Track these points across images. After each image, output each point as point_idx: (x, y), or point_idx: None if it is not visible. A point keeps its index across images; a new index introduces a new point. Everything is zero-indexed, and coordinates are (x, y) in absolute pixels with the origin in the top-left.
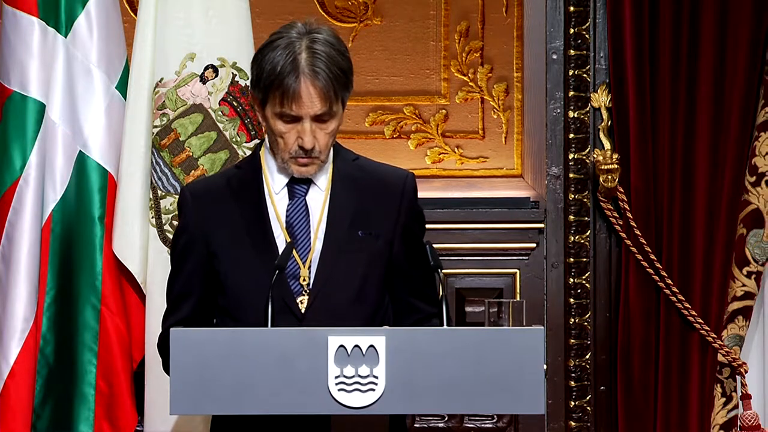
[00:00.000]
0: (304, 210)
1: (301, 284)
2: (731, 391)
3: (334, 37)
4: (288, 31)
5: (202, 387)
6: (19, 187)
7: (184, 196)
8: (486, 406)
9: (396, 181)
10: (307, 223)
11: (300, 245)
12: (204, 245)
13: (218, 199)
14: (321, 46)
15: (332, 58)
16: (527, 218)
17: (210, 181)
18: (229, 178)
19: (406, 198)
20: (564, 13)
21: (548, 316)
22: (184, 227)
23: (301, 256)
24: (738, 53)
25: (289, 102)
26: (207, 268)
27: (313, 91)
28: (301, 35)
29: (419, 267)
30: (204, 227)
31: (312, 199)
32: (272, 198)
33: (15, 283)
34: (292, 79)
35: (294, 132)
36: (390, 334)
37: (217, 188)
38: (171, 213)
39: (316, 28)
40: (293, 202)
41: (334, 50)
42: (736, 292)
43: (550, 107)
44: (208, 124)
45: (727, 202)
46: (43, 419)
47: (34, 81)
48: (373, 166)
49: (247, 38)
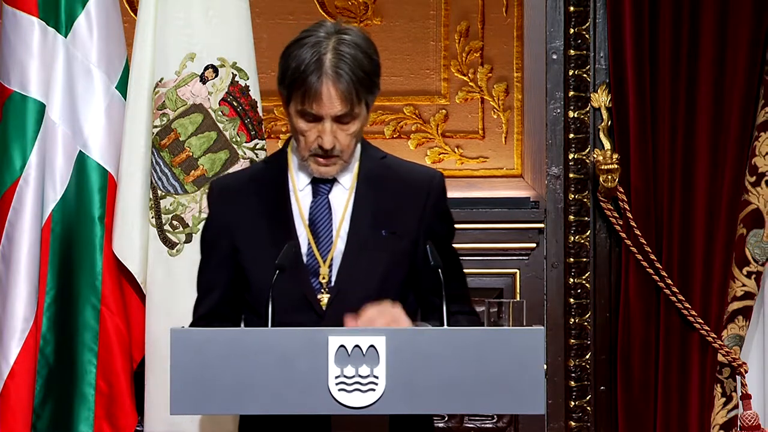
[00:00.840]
0: (327, 208)
1: (321, 282)
2: (731, 391)
3: (362, 39)
4: (317, 30)
5: (202, 387)
6: (19, 187)
7: (212, 191)
8: (486, 406)
9: (423, 180)
10: (329, 221)
11: (321, 243)
12: (229, 240)
13: (244, 195)
14: (347, 47)
15: (357, 60)
16: (527, 218)
17: (237, 176)
18: (256, 173)
19: (433, 197)
20: (564, 13)
21: (548, 316)
22: (210, 221)
23: (321, 253)
24: (738, 53)
25: (310, 101)
26: (232, 262)
27: (334, 93)
28: (330, 35)
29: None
30: (229, 222)
31: (335, 198)
32: (296, 195)
33: (15, 283)
34: (314, 78)
35: (314, 131)
36: (390, 334)
37: (243, 183)
38: (171, 213)
39: (346, 28)
40: (316, 199)
41: (360, 52)
42: (736, 292)
43: (550, 107)
44: (208, 124)
45: (727, 202)
46: (43, 419)
47: (34, 81)
48: (401, 164)
49: (247, 38)
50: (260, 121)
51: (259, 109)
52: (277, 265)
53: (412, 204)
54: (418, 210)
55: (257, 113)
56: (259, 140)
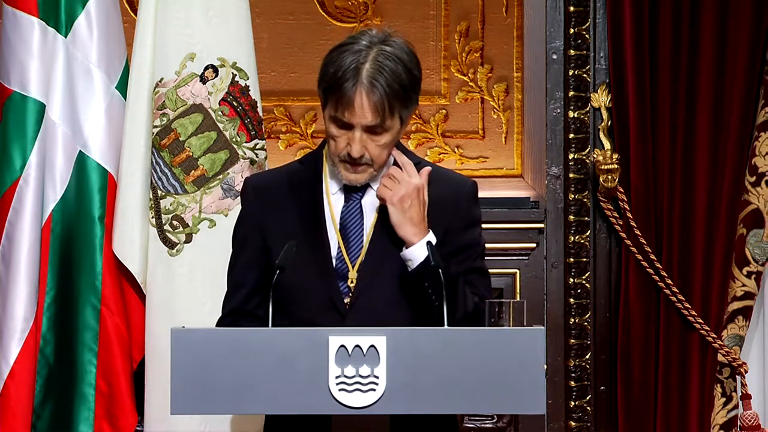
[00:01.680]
0: (358, 212)
1: (349, 286)
2: (731, 391)
3: (406, 52)
4: (361, 37)
5: (203, 387)
6: (19, 187)
7: (246, 188)
8: (486, 406)
9: (455, 187)
10: (360, 225)
11: (351, 247)
12: (260, 238)
13: (278, 194)
14: (387, 59)
15: (395, 74)
16: (527, 218)
17: (273, 174)
18: (291, 173)
19: (463, 204)
20: (564, 13)
21: (548, 316)
22: (242, 218)
23: (351, 258)
24: (738, 53)
25: (343, 108)
26: (262, 260)
27: (367, 104)
28: (372, 44)
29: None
30: (261, 220)
31: (367, 203)
32: (329, 198)
33: (15, 283)
34: (349, 86)
35: (345, 138)
36: (390, 334)
37: (278, 183)
38: (171, 213)
39: (390, 40)
40: (348, 204)
41: (400, 65)
42: (736, 292)
43: (550, 107)
44: (208, 124)
45: (727, 202)
46: (43, 419)
47: (34, 81)
48: (436, 170)
49: (247, 38)
50: (260, 121)
51: (259, 109)
52: (277, 266)
53: (442, 210)
54: (448, 216)
55: (257, 113)
56: (259, 140)
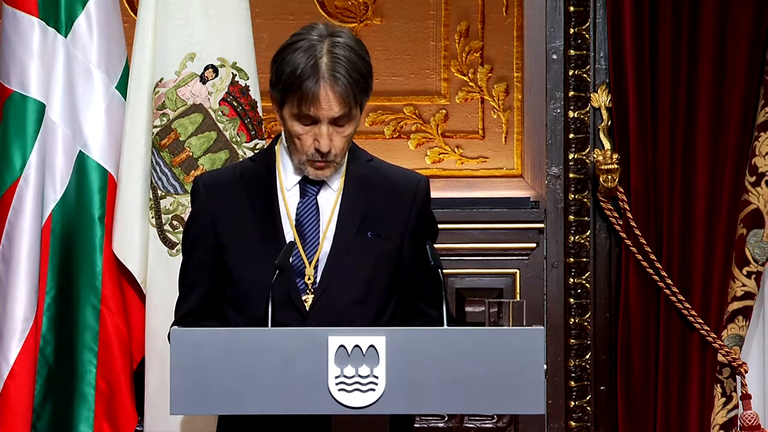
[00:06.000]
0: (314, 209)
1: (306, 283)
2: (731, 391)
3: (355, 41)
4: (309, 33)
5: (202, 387)
6: (19, 187)
7: (197, 186)
8: (486, 406)
9: (409, 184)
10: (316, 222)
11: (307, 244)
12: (213, 236)
13: (230, 191)
14: (342, 50)
15: (353, 63)
16: (527, 218)
17: (223, 172)
18: (243, 170)
19: (418, 201)
20: (564, 13)
21: (548, 316)
22: (194, 217)
23: (307, 254)
24: (738, 53)
25: (308, 104)
26: (216, 258)
27: (332, 96)
28: (322, 38)
29: (428, 271)
30: (214, 218)
31: (323, 199)
32: (284, 195)
33: (15, 283)
34: (312, 82)
35: (311, 134)
36: (390, 334)
37: (230, 180)
38: (171, 213)
39: (338, 31)
40: (304, 200)
41: (354, 54)
42: (736, 292)
43: (550, 107)
44: (208, 124)
45: (727, 202)
46: (43, 419)
47: (34, 81)
48: (388, 168)
49: (247, 38)
50: (260, 121)
51: (259, 109)
52: (277, 266)
53: (398, 208)
54: (404, 214)
55: (257, 113)
56: (259, 140)
